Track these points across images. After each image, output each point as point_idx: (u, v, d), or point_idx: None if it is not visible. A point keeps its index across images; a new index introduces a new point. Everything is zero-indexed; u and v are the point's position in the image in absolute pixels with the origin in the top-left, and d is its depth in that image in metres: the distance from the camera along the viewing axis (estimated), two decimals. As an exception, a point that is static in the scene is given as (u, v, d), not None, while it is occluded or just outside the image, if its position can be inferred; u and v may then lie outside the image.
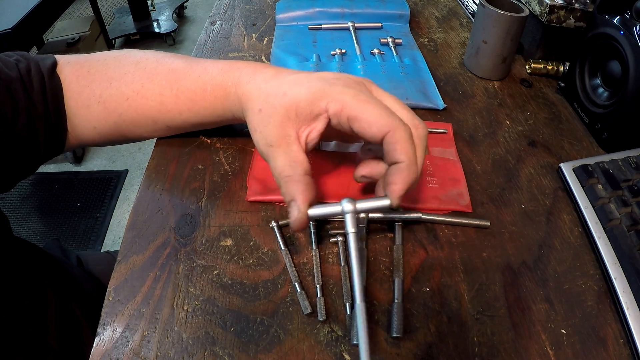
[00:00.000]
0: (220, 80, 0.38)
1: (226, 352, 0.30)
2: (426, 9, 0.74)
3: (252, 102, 0.35)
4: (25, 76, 0.39)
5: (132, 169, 1.77)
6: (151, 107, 0.40)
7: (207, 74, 0.38)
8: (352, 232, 0.29)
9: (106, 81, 0.41)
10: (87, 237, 1.49)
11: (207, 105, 0.39)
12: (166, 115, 0.40)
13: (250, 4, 0.73)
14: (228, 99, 0.37)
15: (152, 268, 0.34)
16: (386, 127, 0.30)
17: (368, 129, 0.31)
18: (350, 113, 0.31)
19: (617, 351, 0.31)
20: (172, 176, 0.42)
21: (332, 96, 0.32)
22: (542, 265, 0.36)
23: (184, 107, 0.39)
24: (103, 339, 0.30)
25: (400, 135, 0.30)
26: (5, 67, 0.39)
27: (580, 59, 0.50)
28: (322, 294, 0.33)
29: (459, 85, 0.55)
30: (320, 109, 0.32)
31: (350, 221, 0.30)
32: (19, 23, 1.52)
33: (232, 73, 0.38)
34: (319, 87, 0.32)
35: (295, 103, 0.32)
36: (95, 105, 0.41)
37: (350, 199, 0.30)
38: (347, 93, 0.31)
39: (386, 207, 0.31)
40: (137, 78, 0.40)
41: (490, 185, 0.42)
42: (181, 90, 0.39)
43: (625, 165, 0.41)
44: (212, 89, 0.38)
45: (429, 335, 0.31)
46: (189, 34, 2.66)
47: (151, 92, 0.40)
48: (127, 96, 0.40)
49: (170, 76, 0.40)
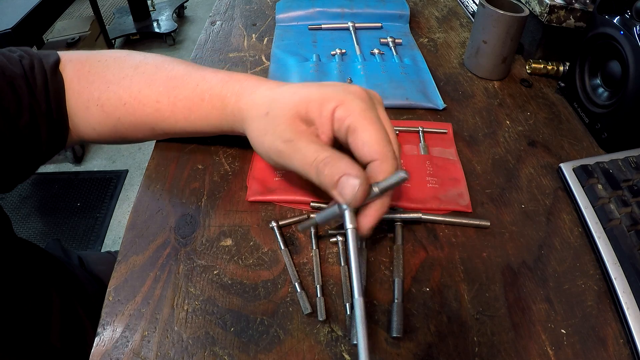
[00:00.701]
0: (218, 91, 0.37)
1: (226, 352, 0.30)
2: (426, 9, 0.74)
3: (255, 109, 0.34)
4: (29, 73, 0.39)
5: (132, 169, 1.77)
6: (148, 114, 0.40)
7: (206, 83, 0.38)
8: (350, 228, 0.29)
9: (104, 84, 0.41)
10: (87, 237, 1.49)
11: (203, 115, 0.38)
12: (163, 123, 0.40)
13: (250, 4, 0.73)
14: (225, 110, 0.37)
15: (152, 268, 0.34)
16: (377, 155, 0.30)
17: (361, 147, 0.30)
18: (352, 124, 0.31)
19: (617, 351, 0.31)
20: (172, 176, 0.42)
21: (342, 101, 0.31)
22: (542, 265, 0.36)
23: (180, 115, 0.39)
24: (103, 339, 0.30)
25: (387, 169, 0.30)
26: (9, 64, 0.39)
27: (580, 59, 0.50)
28: (322, 294, 0.33)
29: (459, 85, 0.55)
30: (330, 111, 0.31)
31: (348, 217, 0.29)
32: (19, 23, 1.52)
33: (232, 84, 0.37)
34: (331, 90, 0.32)
35: (306, 102, 0.32)
36: (94, 107, 0.41)
37: None
38: (358, 105, 0.31)
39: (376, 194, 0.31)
40: (135, 83, 0.40)
41: (490, 185, 0.42)
42: (179, 99, 0.38)
43: (625, 165, 0.41)
44: (210, 98, 0.37)
45: (429, 335, 0.31)
46: (189, 34, 2.66)
47: (148, 99, 0.39)
48: (125, 101, 0.40)
49: (168, 83, 0.39)
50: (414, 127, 0.47)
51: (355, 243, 0.29)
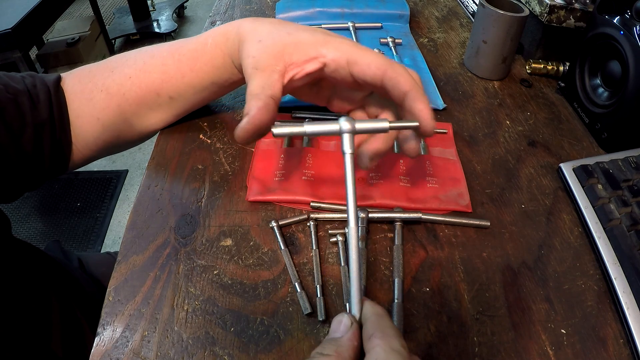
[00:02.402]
0: (221, 31, 0.39)
1: (226, 352, 0.30)
2: (426, 9, 0.74)
3: (253, 34, 0.36)
4: (32, 89, 0.40)
5: (132, 169, 1.77)
6: (154, 80, 0.41)
7: (209, 33, 0.40)
8: (349, 153, 0.28)
9: (108, 71, 0.42)
10: (87, 237, 1.49)
11: (208, 59, 0.40)
12: (169, 83, 0.41)
13: (250, 4, 0.73)
14: (227, 43, 0.39)
15: (152, 268, 0.34)
16: (384, 66, 0.33)
17: (368, 70, 0.33)
18: (350, 58, 0.33)
19: (617, 351, 0.31)
20: (172, 176, 0.42)
21: (332, 44, 0.34)
22: (542, 265, 0.36)
23: (186, 68, 0.41)
24: (103, 339, 0.30)
25: (399, 70, 0.33)
26: (12, 81, 0.40)
27: (580, 59, 0.50)
28: (322, 294, 0.33)
29: (459, 85, 0.55)
30: (318, 53, 0.34)
31: (347, 142, 0.29)
32: (19, 23, 1.52)
33: (231, 25, 0.39)
34: (322, 35, 0.35)
35: (296, 43, 0.34)
36: (98, 94, 0.42)
37: (348, 118, 0.30)
38: (346, 43, 0.34)
39: (385, 129, 0.31)
40: (139, 58, 0.42)
41: (490, 185, 0.42)
42: (183, 54, 0.41)
43: (625, 165, 0.41)
44: (213, 40, 0.40)
45: (429, 335, 0.31)
46: (189, 34, 2.65)
47: (154, 66, 0.41)
48: (130, 75, 0.41)
49: (171, 47, 0.42)
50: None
51: (352, 169, 0.28)
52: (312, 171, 0.41)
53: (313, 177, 0.41)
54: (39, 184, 0.44)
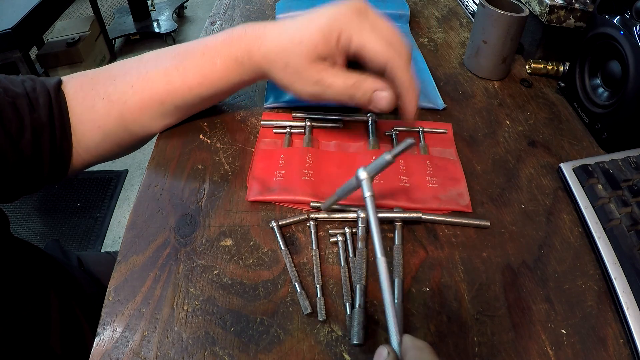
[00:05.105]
0: (227, 53, 0.39)
1: (226, 352, 0.30)
2: (426, 9, 0.74)
3: (275, 62, 0.38)
4: (31, 93, 0.40)
5: (132, 169, 1.77)
6: (158, 89, 0.41)
7: (211, 50, 0.40)
8: (369, 196, 0.31)
9: (110, 79, 0.42)
10: (87, 237, 1.49)
11: (221, 76, 0.40)
12: (174, 94, 0.41)
13: (250, 4, 0.73)
14: (244, 67, 0.39)
15: (152, 268, 0.34)
16: (387, 57, 0.36)
17: (374, 57, 0.36)
18: (359, 43, 0.36)
19: (617, 351, 0.31)
20: (172, 176, 0.42)
21: (340, 30, 0.36)
22: (542, 265, 0.36)
23: (193, 82, 0.40)
24: (103, 339, 0.30)
25: (398, 64, 0.36)
26: (11, 85, 0.40)
27: (580, 59, 0.50)
28: (322, 294, 0.33)
29: (459, 85, 0.55)
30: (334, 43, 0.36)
31: (367, 186, 0.31)
32: (19, 23, 1.52)
33: (236, 44, 0.39)
34: (327, 24, 0.36)
35: (313, 47, 0.36)
36: (100, 102, 0.41)
37: (362, 167, 0.32)
38: (353, 27, 0.36)
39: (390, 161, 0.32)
40: (142, 66, 0.42)
41: (490, 185, 0.42)
42: (188, 68, 0.40)
43: (625, 165, 0.41)
44: (222, 62, 0.39)
45: (429, 335, 0.31)
46: (189, 34, 2.66)
47: (156, 75, 0.41)
48: (132, 84, 0.41)
49: (174, 60, 0.41)
50: (414, 127, 0.47)
51: (374, 210, 0.30)
52: (312, 171, 0.41)
53: (313, 177, 0.41)
54: (38, 187, 0.44)
